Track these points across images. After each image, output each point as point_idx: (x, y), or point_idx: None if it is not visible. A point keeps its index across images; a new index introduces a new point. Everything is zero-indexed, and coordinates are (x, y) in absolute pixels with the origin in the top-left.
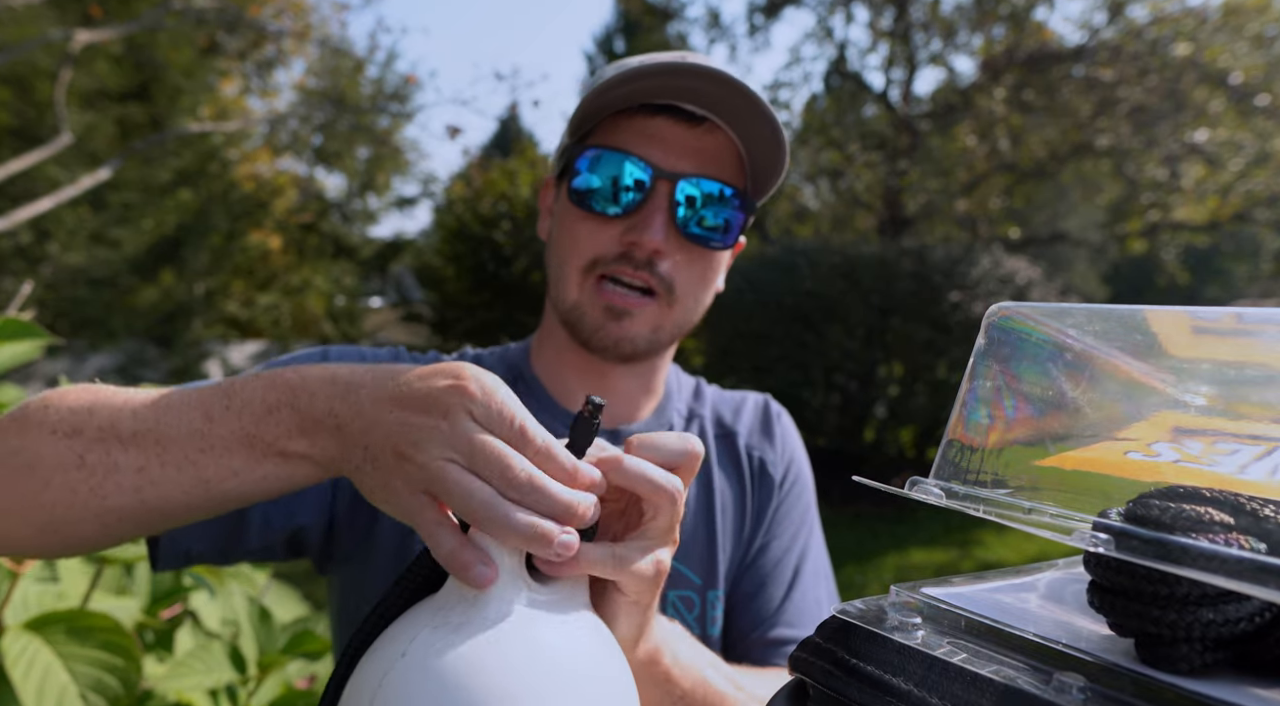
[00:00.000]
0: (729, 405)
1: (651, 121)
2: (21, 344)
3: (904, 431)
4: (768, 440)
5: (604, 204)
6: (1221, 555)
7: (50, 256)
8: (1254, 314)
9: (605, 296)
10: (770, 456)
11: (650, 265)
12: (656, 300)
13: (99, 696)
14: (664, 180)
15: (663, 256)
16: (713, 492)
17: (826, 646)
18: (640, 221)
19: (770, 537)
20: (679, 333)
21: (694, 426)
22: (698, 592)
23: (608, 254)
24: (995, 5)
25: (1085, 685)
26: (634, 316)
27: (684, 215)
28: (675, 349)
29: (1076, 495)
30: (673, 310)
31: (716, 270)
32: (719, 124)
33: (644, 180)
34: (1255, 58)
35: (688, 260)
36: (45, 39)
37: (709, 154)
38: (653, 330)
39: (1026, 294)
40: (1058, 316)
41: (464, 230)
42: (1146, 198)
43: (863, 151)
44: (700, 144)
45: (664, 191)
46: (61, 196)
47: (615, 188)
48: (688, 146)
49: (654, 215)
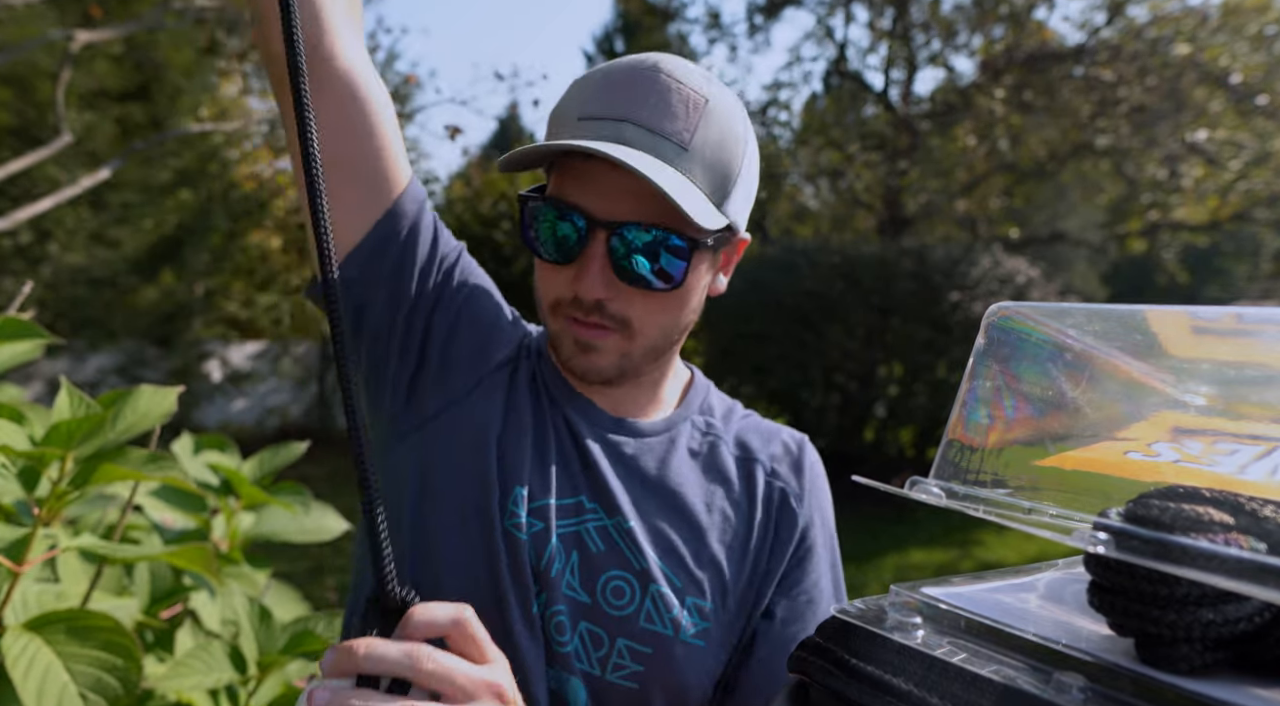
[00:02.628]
0: (759, 433)
1: (589, 164)
2: (21, 344)
3: (904, 431)
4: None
5: (549, 254)
6: (1221, 555)
7: (50, 256)
8: (1254, 314)
9: (573, 329)
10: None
11: (600, 309)
12: (616, 333)
13: (99, 696)
14: (599, 229)
15: (609, 301)
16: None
17: (826, 646)
18: (580, 271)
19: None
20: (655, 355)
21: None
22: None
23: (564, 297)
24: (995, 5)
25: (1085, 685)
26: (598, 350)
27: (623, 265)
28: (674, 358)
29: (1076, 495)
30: (635, 342)
31: (676, 301)
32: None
33: (580, 231)
34: (1255, 58)
35: (639, 299)
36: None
37: (646, 196)
38: (620, 357)
39: (1026, 294)
40: (1058, 316)
41: (464, 230)
42: (1146, 198)
43: (863, 151)
44: (635, 186)
45: (601, 239)
46: (61, 196)
47: (556, 239)
48: (623, 189)
49: (591, 264)
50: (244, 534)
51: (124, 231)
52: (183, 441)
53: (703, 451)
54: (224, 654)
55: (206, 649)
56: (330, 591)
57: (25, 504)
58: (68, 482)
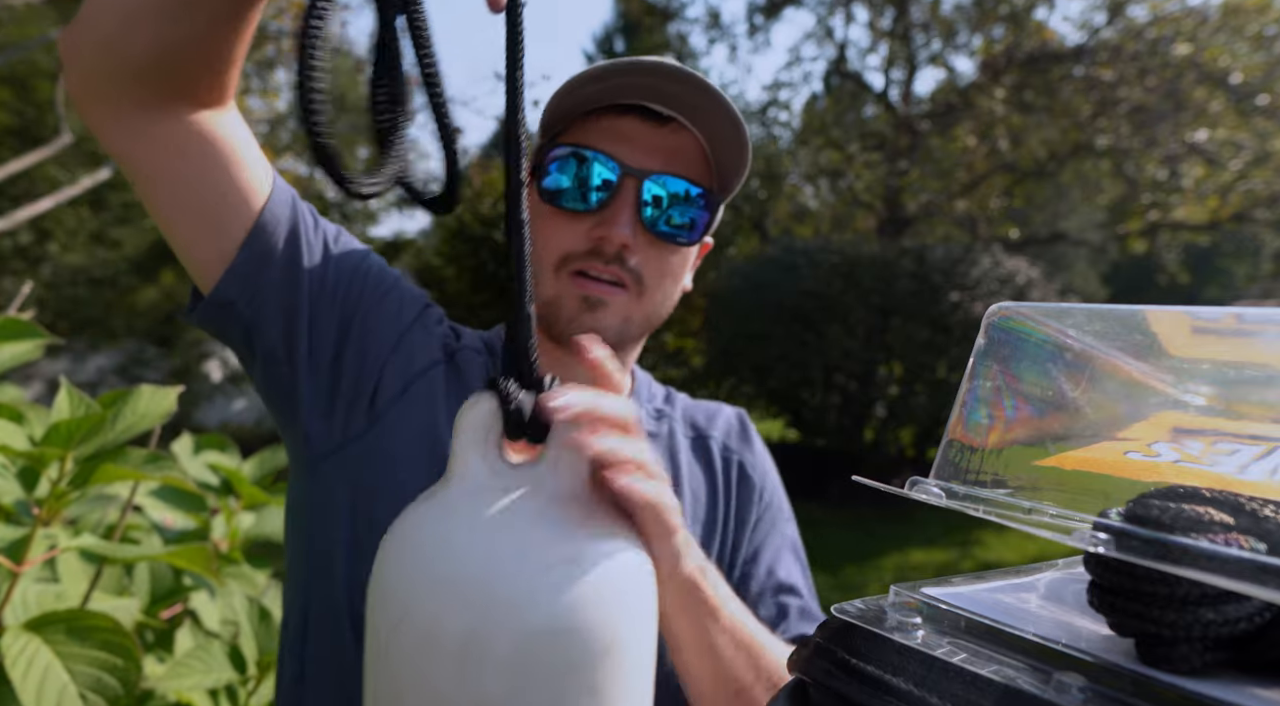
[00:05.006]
0: (702, 411)
1: (620, 121)
2: (21, 344)
3: (904, 431)
4: (746, 446)
5: (573, 201)
6: (1221, 555)
7: (50, 256)
8: (1254, 314)
9: (580, 286)
10: (750, 460)
11: (619, 259)
12: (627, 292)
13: (99, 696)
14: (631, 177)
15: (630, 251)
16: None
17: (826, 646)
18: (608, 217)
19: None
20: (647, 327)
21: (664, 424)
22: None
23: (578, 249)
24: (995, 5)
25: (1085, 685)
26: (608, 306)
27: (651, 213)
28: (641, 347)
29: (1076, 495)
30: (642, 302)
31: (683, 267)
32: (685, 124)
33: (611, 178)
34: (1255, 58)
35: (655, 255)
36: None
37: (675, 152)
38: (623, 321)
39: (1026, 294)
40: (1058, 316)
41: (464, 230)
42: (1146, 198)
43: (863, 151)
44: (667, 142)
45: (631, 188)
46: (61, 196)
47: (584, 186)
48: (654, 145)
49: (621, 211)
50: (244, 534)
51: (124, 231)
52: (183, 441)
53: (662, 435)
54: (224, 654)
55: (206, 649)
56: None
57: (25, 504)
58: (68, 482)
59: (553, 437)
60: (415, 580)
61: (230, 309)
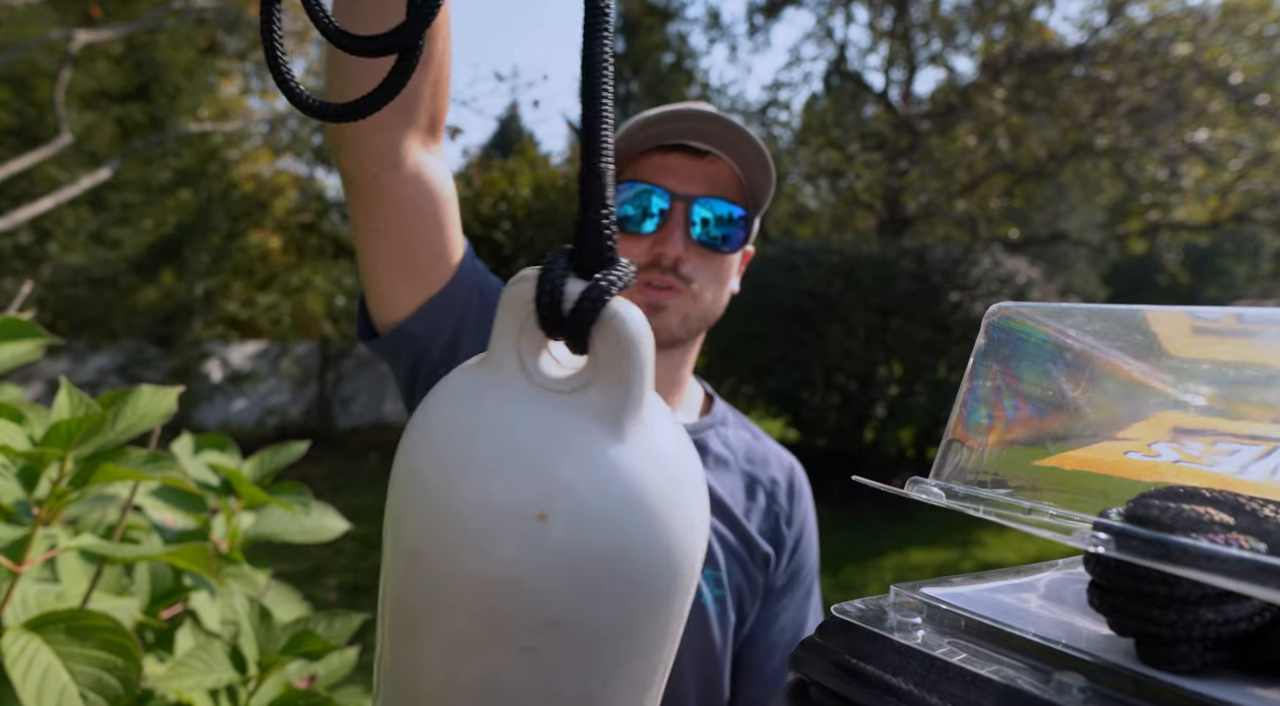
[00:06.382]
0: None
1: (667, 157)
2: (21, 344)
3: (904, 431)
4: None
5: (636, 226)
6: (1221, 555)
7: (50, 256)
8: (1254, 314)
9: (643, 294)
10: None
11: (674, 269)
12: (682, 294)
13: (99, 696)
14: (680, 202)
15: (683, 261)
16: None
17: (826, 646)
18: (664, 236)
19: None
20: (703, 323)
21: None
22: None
23: (640, 264)
24: (995, 5)
25: (1085, 685)
26: (667, 309)
27: (699, 230)
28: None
29: (1076, 495)
30: (697, 302)
31: (729, 271)
32: (720, 156)
33: (664, 205)
34: (1255, 58)
35: (704, 264)
36: (45, 39)
37: (715, 179)
38: (682, 319)
39: (1026, 294)
40: (1058, 316)
41: (464, 230)
42: (1146, 198)
43: (863, 151)
44: (707, 172)
45: (681, 211)
46: (61, 196)
47: (644, 212)
48: (697, 174)
49: (674, 230)
50: (244, 534)
51: (124, 231)
52: (183, 441)
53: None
54: (224, 654)
55: (206, 649)
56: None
57: (25, 504)
58: (68, 482)
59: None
60: (429, 463)
61: (414, 339)
